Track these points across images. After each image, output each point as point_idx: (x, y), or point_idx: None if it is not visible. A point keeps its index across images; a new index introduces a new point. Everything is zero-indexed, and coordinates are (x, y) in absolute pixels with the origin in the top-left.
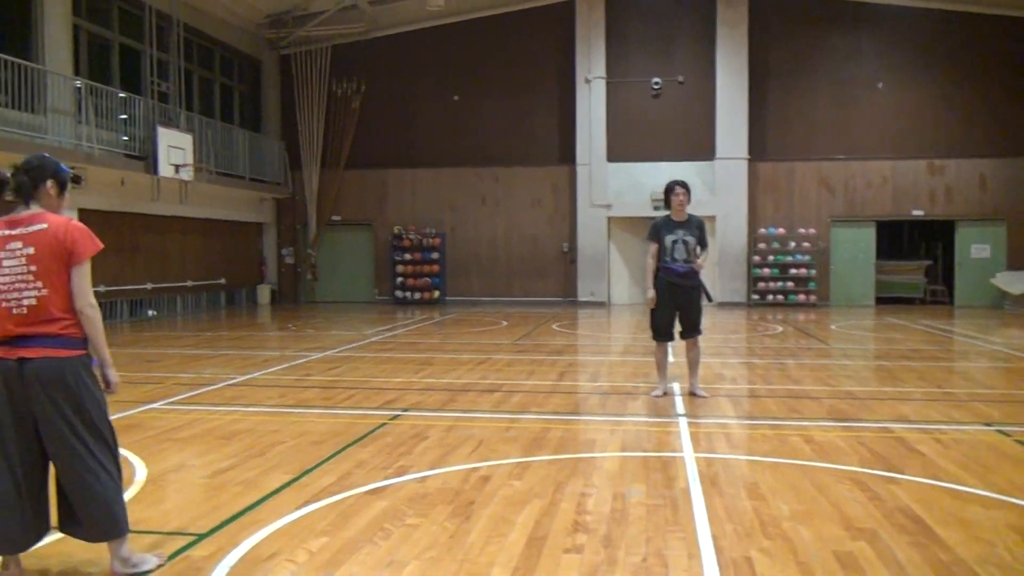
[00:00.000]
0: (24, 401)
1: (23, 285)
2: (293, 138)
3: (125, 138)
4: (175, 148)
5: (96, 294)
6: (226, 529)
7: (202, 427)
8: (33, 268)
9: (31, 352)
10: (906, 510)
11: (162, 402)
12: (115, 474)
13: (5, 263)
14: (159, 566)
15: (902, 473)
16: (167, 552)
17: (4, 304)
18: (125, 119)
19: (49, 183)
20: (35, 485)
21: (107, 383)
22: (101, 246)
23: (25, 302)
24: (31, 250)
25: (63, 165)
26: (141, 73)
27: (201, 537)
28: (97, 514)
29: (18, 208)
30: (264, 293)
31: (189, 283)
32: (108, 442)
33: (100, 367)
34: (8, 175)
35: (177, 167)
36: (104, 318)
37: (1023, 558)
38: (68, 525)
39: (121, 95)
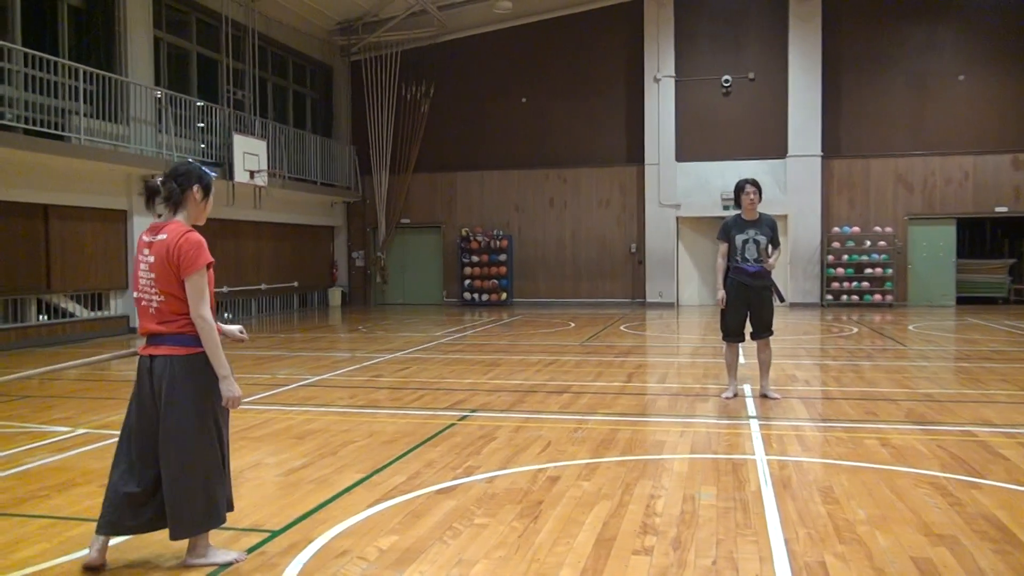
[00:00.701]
0: (151, 395)
1: (151, 290)
2: (363, 142)
3: (203, 146)
4: (250, 154)
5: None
6: (299, 526)
7: (276, 427)
8: (153, 276)
9: (158, 350)
10: (989, 516)
11: None
12: (213, 471)
13: (141, 267)
14: (237, 561)
15: (985, 478)
16: (245, 547)
17: (144, 303)
18: (203, 127)
19: (196, 187)
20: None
21: (223, 396)
22: (209, 260)
23: (154, 305)
24: (152, 259)
25: (206, 169)
26: (218, 82)
27: (275, 534)
28: (179, 508)
29: (165, 215)
30: (335, 296)
31: (263, 286)
32: (210, 441)
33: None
34: (158, 183)
35: (252, 173)
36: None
37: None
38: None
39: (199, 104)
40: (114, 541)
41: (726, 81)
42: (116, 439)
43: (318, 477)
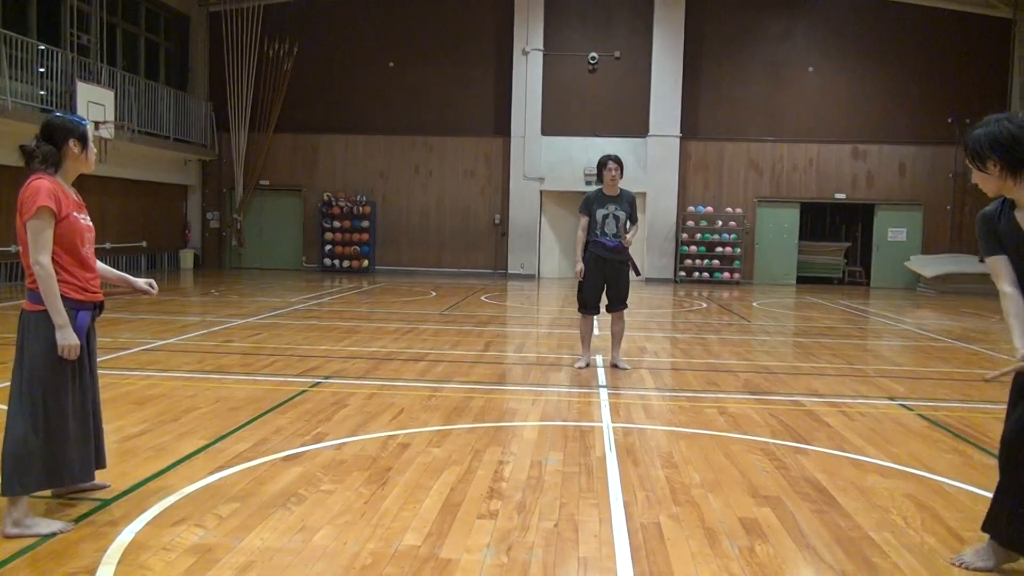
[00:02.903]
0: (18, 348)
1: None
2: (221, 99)
3: (43, 92)
4: (95, 104)
5: (6, 253)
6: (134, 495)
7: (114, 392)
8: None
9: (25, 304)
10: (811, 479)
11: None
12: (30, 433)
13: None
14: (61, 532)
15: (809, 444)
16: (72, 516)
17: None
18: (43, 72)
19: (71, 142)
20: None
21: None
22: (43, 203)
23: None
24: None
25: (75, 118)
26: (60, 24)
27: (107, 503)
28: (14, 463)
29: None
30: (187, 258)
31: (108, 245)
32: (35, 400)
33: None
34: (32, 146)
35: (97, 124)
36: (17, 278)
37: (915, 524)
38: None
39: (40, 47)
40: None
41: (593, 58)
42: None
43: (157, 444)
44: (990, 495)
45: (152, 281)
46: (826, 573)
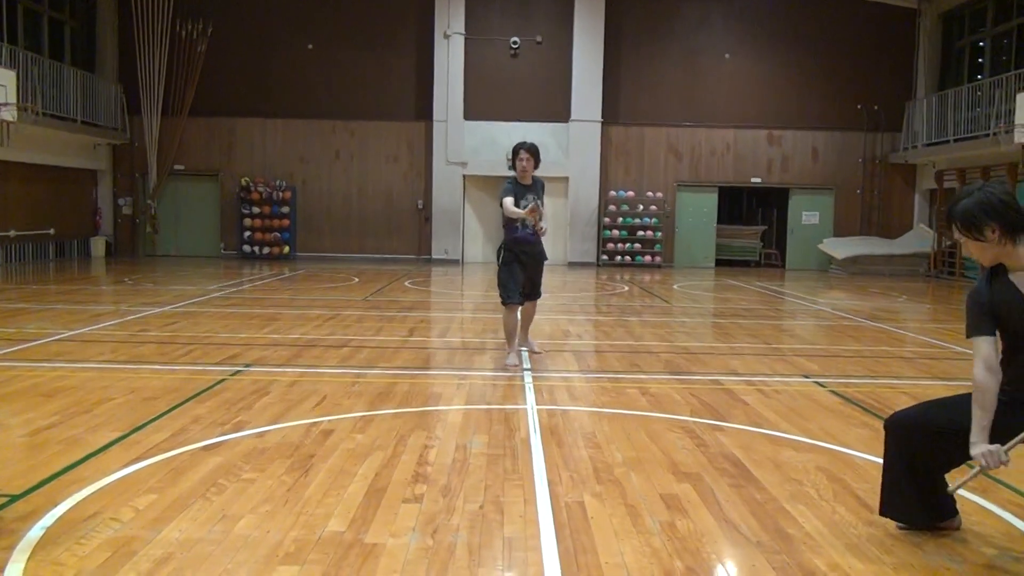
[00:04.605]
0: None
1: None
2: (132, 80)
3: None
4: None
5: None
6: (43, 489)
7: (21, 384)
8: None
9: None
10: (728, 455)
11: None
12: None
13: None
14: None
15: (727, 421)
16: None
17: None
18: None
19: None
20: None
21: None
22: None
23: None
24: None
25: None
26: None
27: (15, 498)
28: None
29: None
30: (98, 245)
31: (12, 233)
32: None
33: None
34: None
35: None
36: None
37: (827, 495)
38: None
39: None
40: None
41: (514, 43)
42: None
43: (68, 436)
44: None
45: None
46: (743, 545)
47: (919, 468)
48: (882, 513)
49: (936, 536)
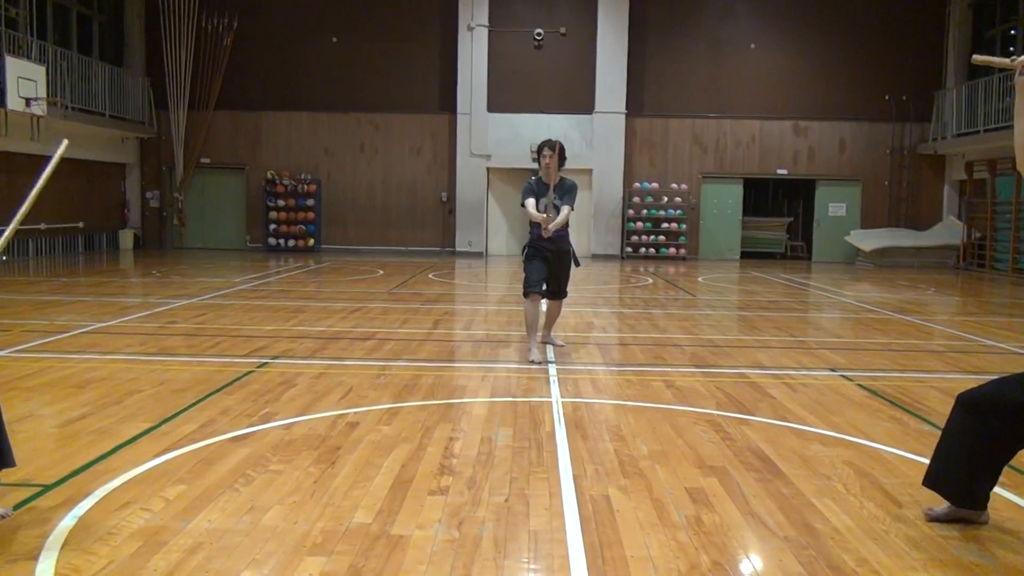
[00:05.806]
0: None
1: None
2: (159, 75)
3: None
4: (26, 80)
5: None
6: (76, 479)
7: (53, 375)
8: None
9: None
10: (755, 449)
11: (9, 350)
12: None
13: None
14: (1, 518)
15: (753, 415)
16: (11, 503)
17: None
18: None
19: None
20: None
21: None
22: None
23: None
24: None
25: None
26: None
27: (49, 488)
28: None
29: None
30: (127, 238)
31: (43, 226)
32: None
33: None
34: None
35: (28, 100)
36: None
37: (855, 490)
38: None
39: None
40: None
41: (538, 34)
42: None
43: (99, 427)
44: (926, 461)
45: None
46: (770, 539)
47: (981, 449)
48: (925, 482)
49: (964, 531)
